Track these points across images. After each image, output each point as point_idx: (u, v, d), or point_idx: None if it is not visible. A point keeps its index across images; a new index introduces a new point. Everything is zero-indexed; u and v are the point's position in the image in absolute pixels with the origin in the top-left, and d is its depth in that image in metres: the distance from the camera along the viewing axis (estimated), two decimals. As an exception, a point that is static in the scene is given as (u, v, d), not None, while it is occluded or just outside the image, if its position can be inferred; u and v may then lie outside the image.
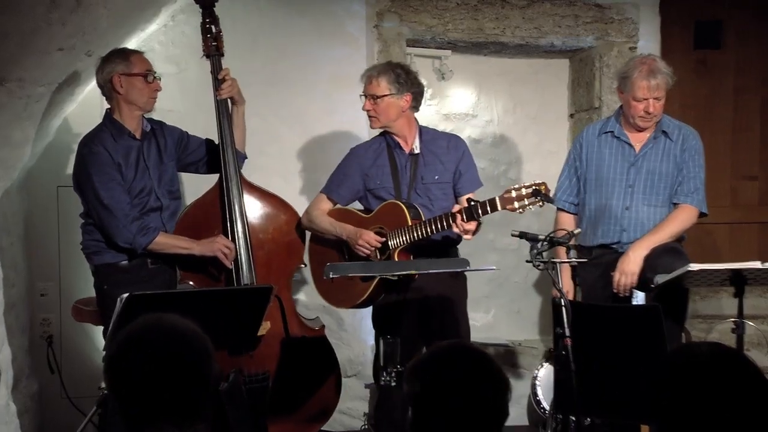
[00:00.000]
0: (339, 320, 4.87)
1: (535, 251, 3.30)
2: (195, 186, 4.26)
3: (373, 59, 4.93)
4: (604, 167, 4.05)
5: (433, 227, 3.63)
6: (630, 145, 4.04)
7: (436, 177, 3.90)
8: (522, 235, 3.39)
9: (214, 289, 3.67)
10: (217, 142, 3.94)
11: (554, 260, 3.39)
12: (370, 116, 3.92)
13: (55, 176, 4.58)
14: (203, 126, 4.06)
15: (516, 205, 3.45)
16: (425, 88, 5.34)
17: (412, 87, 3.92)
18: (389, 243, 3.76)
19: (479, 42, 5.14)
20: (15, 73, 3.41)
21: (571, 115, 5.53)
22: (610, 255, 3.97)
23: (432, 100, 5.43)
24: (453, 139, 4.02)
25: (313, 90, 4.86)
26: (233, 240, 3.81)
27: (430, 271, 3.55)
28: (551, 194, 3.56)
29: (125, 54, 3.74)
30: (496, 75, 5.48)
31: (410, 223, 3.71)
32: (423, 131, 3.98)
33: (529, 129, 5.54)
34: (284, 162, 4.85)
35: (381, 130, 4.01)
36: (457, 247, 3.97)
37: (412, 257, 3.76)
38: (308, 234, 4.10)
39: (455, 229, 3.59)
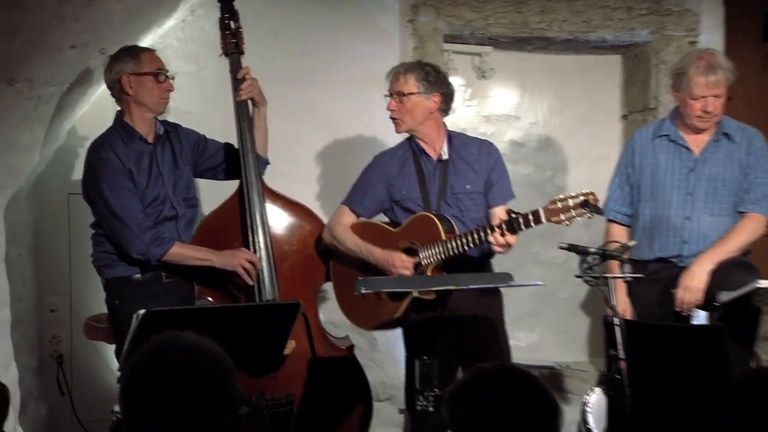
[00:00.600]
0: (371, 340, 4.86)
1: (586, 265, 3.28)
2: (212, 193, 4.28)
3: (407, 57, 4.92)
4: (660, 174, 4.01)
5: (470, 241, 3.61)
6: (688, 148, 3.99)
7: (468, 186, 3.87)
8: (571, 248, 3.36)
9: (236, 306, 3.68)
10: (236, 146, 3.95)
11: (607, 275, 3.36)
12: (394, 119, 3.89)
13: (65, 183, 4.62)
14: (222, 128, 4.08)
15: (562, 217, 3.42)
16: (465, 88, 5.39)
17: (441, 87, 3.90)
18: (421, 259, 3.74)
19: (523, 37, 5.12)
20: (24, 72, 3.46)
21: (624, 117, 5.48)
22: (669, 270, 3.92)
23: (471, 101, 5.42)
24: (485, 145, 3.99)
25: (340, 90, 4.87)
26: (254, 252, 3.81)
27: (471, 287, 3.53)
28: (600, 204, 3.52)
29: (134, 52, 3.75)
30: (541, 73, 5.45)
31: (444, 237, 3.67)
32: (452, 136, 3.95)
33: (577, 131, 5.50)
34: (309, 168, 4.86)
35: (406, 136, 3.98)
36: (491, 261, 3.94)
37: (444, 274, 3.74)
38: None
39: (493, 245, 3.57)
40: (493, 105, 5.47)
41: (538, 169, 5.48)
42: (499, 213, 3.78)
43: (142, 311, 2.94)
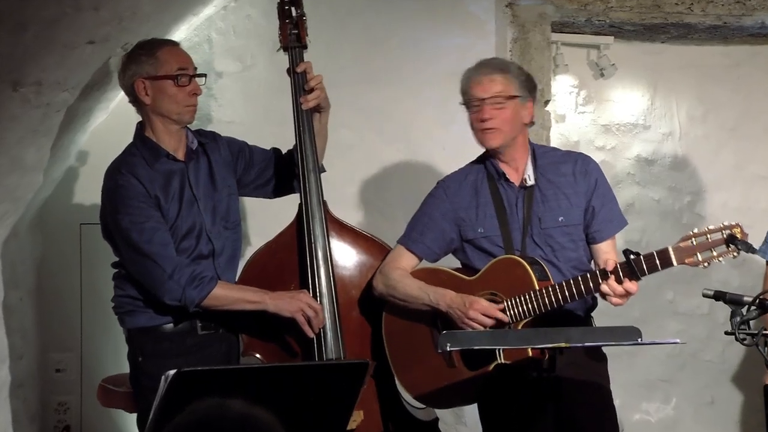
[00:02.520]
0: (457, 411, 4.88)
1: (739, 319, 3.25)
2: (258, 216, 4.31)
3: (505, 50, 4.97)
4: None
5: (574, 292, 3.58)
6: None
7: (561, 218, 3.81)
8: (718, 296, 3.34)
9: (291, 365, 3.70)
10: (285, 153, 4.00)
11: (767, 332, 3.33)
12: (488, 129, 3.83)
13: (77, 210, 4.75)
14: (273, 142, 4.14)
15: (699, 257, 3.39)
16: (577, 89, 5.40)
17: (534, 92, 3.90)
18: (509, 315, 3.68)
19: (655, 24, 5.12)
20: (32, 74, 3.55)
21: (789, 126, 5.47)
22: None
23: (586, 106, 5.44)
24: (580, 162, 3.91)
25: (422, 93, 4.93)
26: (315, 293, 3.84)
27: (588, 345, 3.52)
28: (748, 239, 3.46)
29: (151, 48, 3.76)
30: (678, 69, 5.44)
31: (537, 287, 3.65)
32: (536, 153, 3.91)
33: (725, 145, 5.47)
34: (383, 191, 4.92)
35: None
36: (592, 315, 3.93)
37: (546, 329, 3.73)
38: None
39: (609, 296, 3.54)
40: (615, 111, 5.48)
41: (673, 192, 5.46)
42: (606, 249, 3.77)
43: (171, 372, 2.95)
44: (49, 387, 4.80)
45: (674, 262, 3.43)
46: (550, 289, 3.60)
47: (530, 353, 3.53)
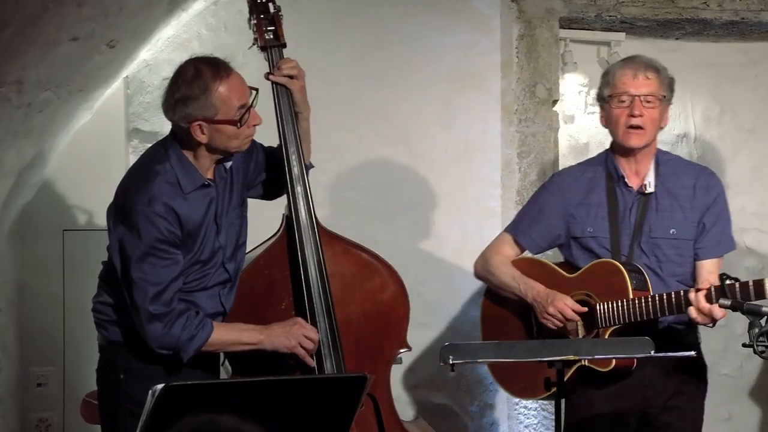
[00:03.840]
0: (464, 400, 4.90)
1: (757, 330, 3.26)
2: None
3: (511, 47, 4.98)
4: None
5: (663, 307, 3.69)
6: None
7: (673, 231, 3.91)
8: (735, 306, 3.35)
9: (285, 379, 3.68)
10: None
11: (788, 345, 3.34)
12: (635, 127, 3.86)
13: (60, 215, 4.73)
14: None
15: None
16: (587, 88, 5.40)
17: (672, 96, 4.01)
18: (598, 318, 3.81)
19: (668, 20, 5.13)
20: (12, 73, 3.56)
21: (813, 127, 5.48)
22: None
23: (597, 106, 5.42)
24: (704, 177, 4.00)
25: (423, 92, 4.94)
26: (309, 317, 3.81)
27: (596, 358, 3.56)
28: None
29: (203, 85, 3.50)
30: (692, 68, 5.44)
31: (631, 296, 3.75)
32: (660, 160, 3.98)
33: (744, 147, 5.48)
34: (382, 195, 4.92)
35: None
36: (698, 334, 3.99)
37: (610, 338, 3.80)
38: (478, 286, 4.19)
39: (693, 315, 3.63)
40: (627, 111, 5.48)
41: (690, 197, 5.47)
42: (710, 269, 3.84)
43: (159, 386, 2.95)
44: (30, 402, 4.79)
45: None
46: (643, 299, 3.72)
47: (613, 363, 3.70)
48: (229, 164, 3.72)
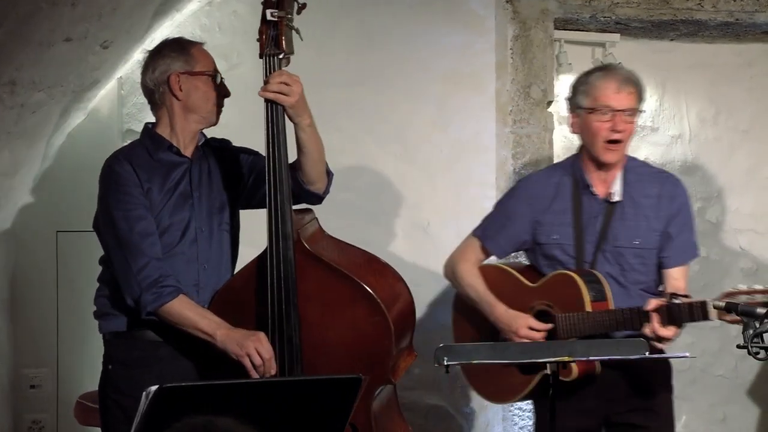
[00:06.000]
0: (458, 399, 4.91)
1: (752, 332, 3.26)
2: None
3: (506, 48, 4.98)
4: None
5: (618, 323, 3.72)
6: None
7: (637, 241, 3.90)
8: (730, 308, 3.36)
9: (282, 380, 3.63)
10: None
11: (783, 346, 3.34)
12: (614, 142, 3.85)
13: (53, 218, 4.74)
14: (260, 146, 4.11)
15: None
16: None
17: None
18: (559, 330, 3.82)
19: (663, 21, 5.13)
20: (5, 74, 3.56)
21: (806, 127, 5.48)
22: None
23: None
24: (668, 185, 3.99)
25: (418, 94, 4.94)
26: (274, 337, 3.69)
27: (591, 359, 3.57)
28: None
29: (183, 46, 3.79)
30: (687, 69, 5.45)
31: (589, 309, 3.77)
32: (627, 166, 3.97)
33: (738, 148, 5.49)
34: (377, 198, 4.93)
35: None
36: None
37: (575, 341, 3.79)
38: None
39: (646, 332, 3.64)
40: (622, 112, 5.49)
41: (684, 198, 5.47)
42: (676, 276, 3.86)
43: (153, 387, 2.93)
44: (23, 404, 4.79)
45: (713, 317, 3.56)
46: (599, 314, 3.74)
47: (576, 373, 3.73)
48: (202, 141, 3.84)
